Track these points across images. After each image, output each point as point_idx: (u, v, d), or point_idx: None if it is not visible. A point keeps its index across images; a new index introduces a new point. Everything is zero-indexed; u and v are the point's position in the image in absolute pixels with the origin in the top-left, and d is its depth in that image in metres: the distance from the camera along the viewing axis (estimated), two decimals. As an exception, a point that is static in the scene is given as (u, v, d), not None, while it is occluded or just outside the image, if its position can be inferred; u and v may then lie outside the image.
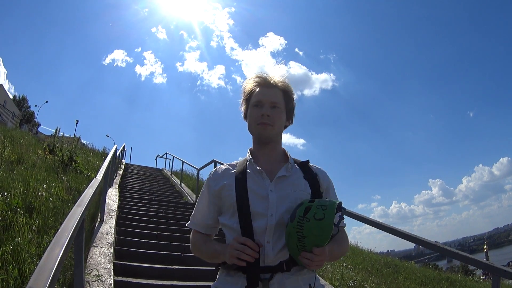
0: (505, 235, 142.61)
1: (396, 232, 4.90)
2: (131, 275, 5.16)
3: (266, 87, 1.89)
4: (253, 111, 1.87)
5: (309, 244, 1.50)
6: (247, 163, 1.87)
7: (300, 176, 1.85)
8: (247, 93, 1.93)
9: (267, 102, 1.84)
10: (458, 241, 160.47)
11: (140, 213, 9.11)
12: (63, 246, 2.05)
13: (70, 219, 2.69)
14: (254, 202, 1.72)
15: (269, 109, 1.83)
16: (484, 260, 4.28)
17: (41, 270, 1.68)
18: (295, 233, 1.52)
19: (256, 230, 1.68)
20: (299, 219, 1.53)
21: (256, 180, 1.79)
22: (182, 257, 6.28)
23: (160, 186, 16.02)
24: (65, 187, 7.23)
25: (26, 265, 3.87)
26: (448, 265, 48.68)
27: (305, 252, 1.52)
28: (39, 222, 4.99)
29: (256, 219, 1.69)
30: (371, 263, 9.62)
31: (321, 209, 1.53)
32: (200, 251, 1.87)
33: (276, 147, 1.92)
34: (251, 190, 1.74)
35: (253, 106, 1.87)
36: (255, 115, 1.85)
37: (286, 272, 1.65)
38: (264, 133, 1.85)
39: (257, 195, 1.74)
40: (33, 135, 20.84)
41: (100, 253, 5.20)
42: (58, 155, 10.26)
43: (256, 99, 1.87)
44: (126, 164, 20.70)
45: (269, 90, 1.88)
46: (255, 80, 1.92)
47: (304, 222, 1.51)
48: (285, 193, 1.76)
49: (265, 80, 1.91)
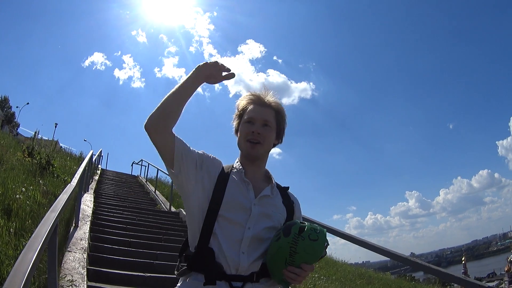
0: (484, 247, 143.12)
1: (367, 246, 4.91)
2: (104, 281, 5.21)
3: (259, 105, 1.93)
4: (244, 127, 1.90)
5: (298, 260, 1.58)
6: (233, 170, 1.89)
7: (280, 200, 1.91)
8: (241, 109, 1.96)
9: (259, 120, 1.89)
10: (435, 252, 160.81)
11: (115, 219, 9.09)
12: (36, 251, 2.14)
13: (43, 224, 2.76)
14: (230, 209, 1.74)
15: (260, 127, 1.88)
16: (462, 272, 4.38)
17: (15, 273, 1.78)
18: (288, 248, 1.59)
19: (227, 237, 1.71)
20: (294, 235, 1.61)
21: (242, 189, 1.81)
22: (155, 265, 6.34)
23: (135, 193, 15.97)
24: (42, 191, 7.22)
25: (4, 267, 3.94)
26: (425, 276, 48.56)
27: (292, 267, 1.59)
28: (17, 225, 5.01)
29: (228, 226, 1.72)
30: (345, 274, 9.69)
31: (315, 232, 1.63)
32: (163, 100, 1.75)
33: (261, 165, 1.96)
34: (231, 196, 1.76)
35: (244, 123, 1.91)
36: (246, 131, 1.89)
37: (255, 282, 1.71)
38: (252, 151, 1.88)
39: (237, 203, 1.76)
40: (14, 136, 20.60)
41: (74, 258, 5.23)
42: (37, 158, 10.21)
43: (248, 116, 1.91)
44: (102, 170, 20.61)
45: (262, 109, 1.92)
46: (250, 98, 1.96)
47: (299, 240, 1.59)
48: (267, 212, 1.80)
49: (259, 98, 1.95)
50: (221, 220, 1.73)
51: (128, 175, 22.50)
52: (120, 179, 19.52)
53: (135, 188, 17.37)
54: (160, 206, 13.23)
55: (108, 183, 16.63)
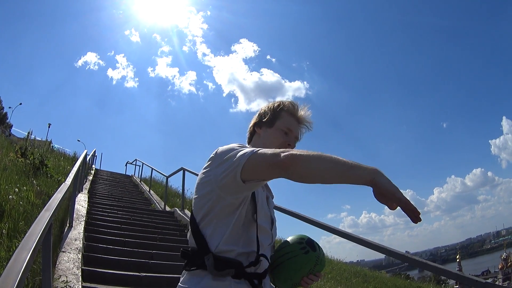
0: (478, 245, 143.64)
1: (365, 243, 4.92)
2: (99, 282, 5.17)
3: (297, 120, 1.98)
4: (280, 135, 1.94)
5: (317, 270, 1.80)
6: None
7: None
8: (277, 112, 1.97)
9: (294, 135, 1.97)
10: (430, 251, 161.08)
11: (109, 219, 9.05)
12: (30, 250, 2.09)
13: (38, 223, 2.72)
14: (261, 217, 1.79)
15: (292, 141, 1.96)
16: (457, 269, 4.39)
17: (9, 273, 1.73)
18: (314, 260, 1.79)
19: (261, 244, 1.74)
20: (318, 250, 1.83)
21: (263, 197, 1.85)
22: (150, 264, 6.32)
23: (129, 192, 15.96)
24: (36, 191, 7.17)
25: (-4, 269, 3.86)
26: (419, 274, 49.15)
27: (312, 275, 1.79)
28: (9, 226, 4.96)
29: (261, 234, 1.76)
30: (340, 273, 9.72)
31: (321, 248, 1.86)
32: (323, 157, 1.44)
33: None
34: (260, 206, 1.79)
35: (281, 130, 1.94)
36: (281, 140, 1.92)
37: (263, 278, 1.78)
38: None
39: (264, 212, 1.82)
40: (6, 137, 20.50)
41: (68, 259, 5.18)
42: (30, 159, 10.15)
43: (288, 127, 1.95)
44: (96, 170, 20.58)
45: (299, 126, 1.99)
46: (292, 109, 1.98)
47: (320, 254, 1.82)
48: (274, 217, 1.93)
49: (299, 114, 1.99)
50: (259, 228, 1.77)
51: (122, 175, 22.53)
52: (114, 179, 19.51)
53: (129, 188, 17.35)
54: (154, 205, 13.21)
55: (102, 183, 16.59)
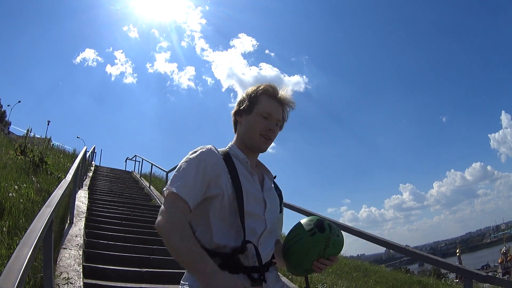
0: (478, 239, 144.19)
1: (366, 236, 4.94)
2: (100, 278, 5.15)
3: (278, 102, 1.92)
4: (259, 120, 1.87)
5: (329, 253, 1.75)
6: (233, 158, 1.85)
7: (274, 190, 1.96)
8: (253, 97, 1.92)
9: (275, 118, 1.90)
10: (430, 245, 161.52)
11: (109, 215, 9.05)
12: (32, 246, 2.07)
13: (39, 219, 2.70)
14: (250, 202, 1.75)
15: (274, 125, 1.89)
16: (457, 263, 4.42)
17: (10, 270, 1.71)
18: (323, 242, 1.74)
19: (252, 230, 1.72)
20: (328, 231, 1.76)
21: (250, 181, 1.82)
22: (151, 259, 6.30)
23: (129, 188, 15.94)
24: (36, 188, 7.16)
25: (-4, 266, 3.86)
26: (419, 268, 49.25)
27: (323, 259, 1.74)
28: (10, 224, 4.95)
29: (251, 219, 1.73)
30: (341, 267, 9.69)
31: (338, 229, 1.82)
32: (173, 236, 1.58)
33: (257, 156, 1.99)
34: (246, 190, 1.75)
35: (260, 116, 1.88)
36: (261, 126, 1.87)
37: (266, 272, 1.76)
38: (262, 146, 1.89)
39: (253, 196, 1.78)
40: (5, 135, 20.48)
41: (69, 255, 5.18)
42: (29, 156, 10.14)
43: (266, 111, 1.88)
44: (96, 166, 20.53)
45: (278, 106, 1.92)
46: (266, 89, 1.93)
47: (331, 235, 1.76)
48: (274, 204, 1.89)
49: (277, 93, 1.93)
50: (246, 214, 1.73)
51: (122, 171, 22.50)
52: (114, 175, 19.50)
53: (129, 184, 17.32)
54: (155, 201, 13.15)
55: (102, 179, 16.59)
